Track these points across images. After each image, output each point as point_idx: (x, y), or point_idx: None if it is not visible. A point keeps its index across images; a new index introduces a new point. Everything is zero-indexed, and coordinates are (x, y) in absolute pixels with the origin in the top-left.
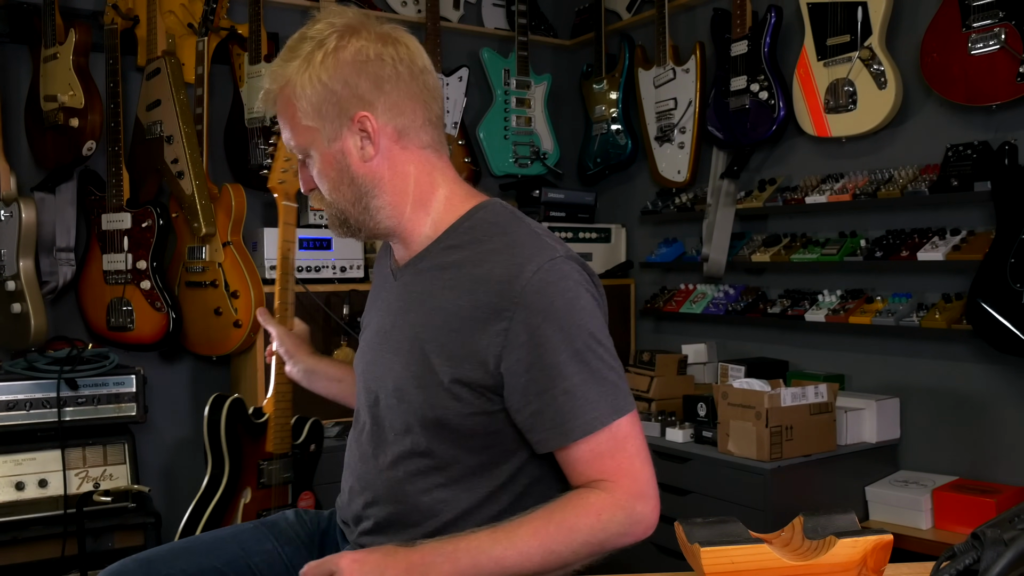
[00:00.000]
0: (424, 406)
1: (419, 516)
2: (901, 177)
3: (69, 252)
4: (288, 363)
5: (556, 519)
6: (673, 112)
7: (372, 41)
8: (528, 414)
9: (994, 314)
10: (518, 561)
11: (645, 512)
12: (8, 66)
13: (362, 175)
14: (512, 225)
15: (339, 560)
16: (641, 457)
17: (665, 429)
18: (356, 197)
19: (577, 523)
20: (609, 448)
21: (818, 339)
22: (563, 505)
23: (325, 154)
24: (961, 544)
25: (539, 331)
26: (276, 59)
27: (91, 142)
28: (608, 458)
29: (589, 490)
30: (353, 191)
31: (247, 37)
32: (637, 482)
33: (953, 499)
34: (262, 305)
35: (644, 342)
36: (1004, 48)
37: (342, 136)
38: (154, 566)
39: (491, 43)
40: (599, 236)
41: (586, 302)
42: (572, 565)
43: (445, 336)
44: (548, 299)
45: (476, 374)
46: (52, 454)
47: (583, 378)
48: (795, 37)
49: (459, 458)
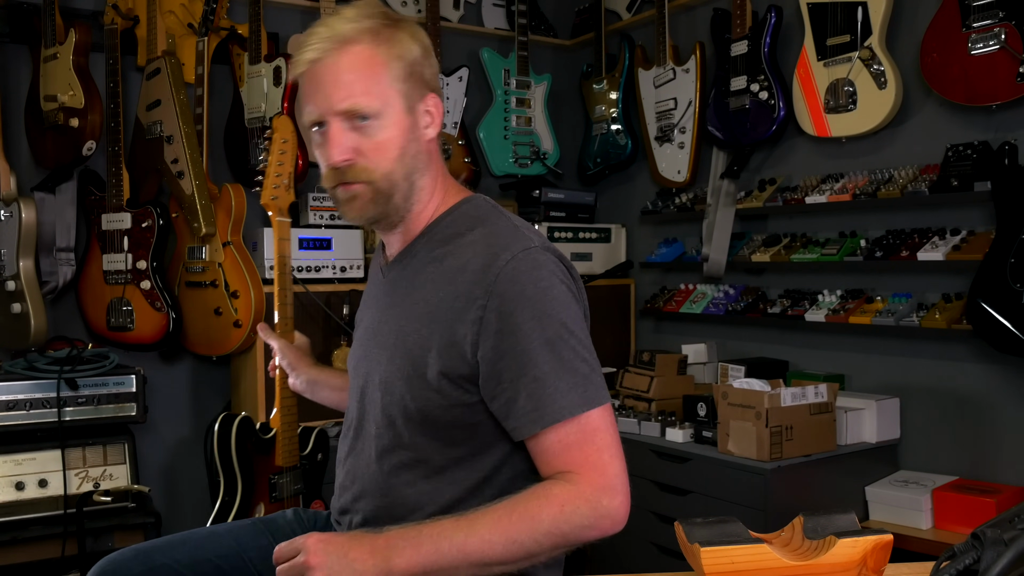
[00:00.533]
0: (407, 398)
1: (404, 510)
2: (901, 177)
3: (69, 252)
4: (291, 376)
5: (519, 509)
6: (673, 112)
7: (425, 37)
8: (502, 402)
9: (994, 314)
10: (479, 548)
11: (612, 506)
12: (8, 66)
13: (419, 152)
14: (492, 217)
15: (306, 539)
16: (611, 451)
17: (665, 429)
18: (410, 170)
19: (540, 513)
20: (577, 440)
21: (818, 339)
22: (527, 496)
23: (399, 121)
24: (961, 544)
25: (511, 318)
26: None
27: (91, 142)
28: (576, 450)
29: (554, 482)
30: (410, 164)
31: (247, 37)
32: (604, 475)
33: (953, 499)
34: (262, 305)
35: (644, 342)
36: (1004, 48)
37: (417, 109)
38: (150, 556)
39: (491, 43)
40: (599, 236)
41: (559, 292)
42: (537, 556)
43: (427, 328)
44: (520, 287)
45: (456, 364)
46: (52, 454)
47: (554, 367)
48: (795, 37)
49: (441, 450)
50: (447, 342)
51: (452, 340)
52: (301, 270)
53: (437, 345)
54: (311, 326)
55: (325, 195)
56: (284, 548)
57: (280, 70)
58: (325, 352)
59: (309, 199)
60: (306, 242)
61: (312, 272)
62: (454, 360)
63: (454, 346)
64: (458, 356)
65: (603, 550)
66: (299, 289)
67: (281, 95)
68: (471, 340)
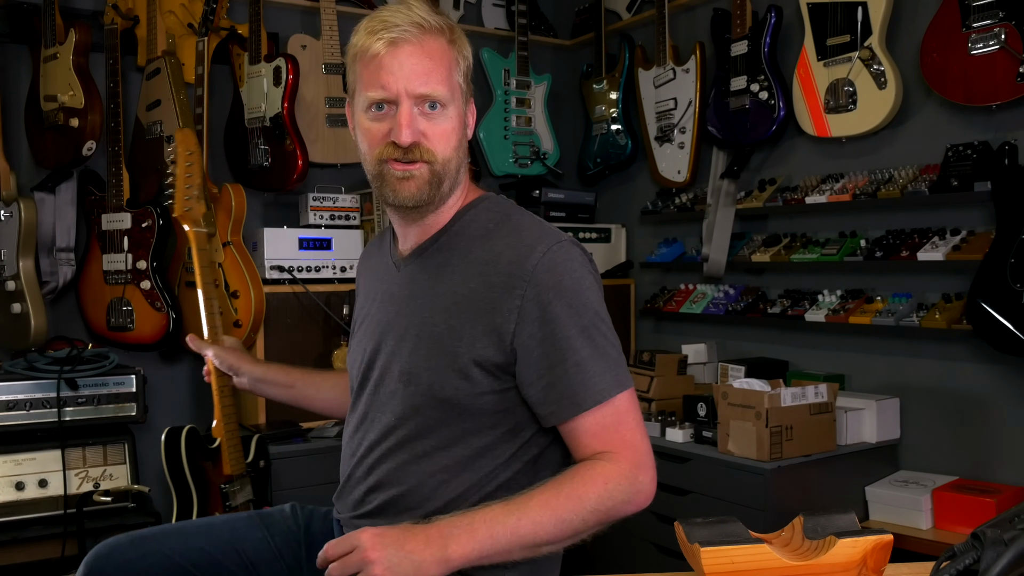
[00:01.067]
0: (434, 387)
1: (420, 498)
2: (901, 177)
3: (69, 252)
4: (235, 377)
5: (566, 490)
6: (673, 112)
7: None
8: (541, 387)
9: (994, 314)
10: (532, 530)
11: (646, 481)
12: (8, 66)
13: (464, 145)
14: (515, 213)
15: (360, 535)
16: (640, 430)
17: (665, 429)
18: (460, 163)
19: (586, 493)
20: (613, 421)
21: (818, 339)
22: (572, 476)
23: (459, 115)
24: (961, 544)
25: (550, 307)
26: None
27: (91, 142)
28: (612, 430)
29: (595, 461)
30: (461, 157)
31: (247, 37)
32: (638, 453)
33: (953, 499)
34: (262, 305)
35: (644, 342)
36: (1004, 48)
37: (469, 107)
38: (145, 543)
39: (491, 43)
40: (599, 236)
41: (590, 283)
42: (582, 533)
43: (456, 319)
44: (557, 278)
45: (490, 352)
46: (52, 454)
47: (590, 352)
48: (795, 37)
49: (466, 439)
50: (482, 331)
51: (488, 328)
52: (301, 270)
53: (470, 334)
54: (311, 326)
55: (325, 195)
56: (336, 545)
57: (280, 70)
58: (325, 352)
59: (309, 199)
60: (306, 242)
61: (312, 272)
62: (489, 349)
63: (489, 335)
64: (493, 344)
65: (603, 550)
66: (299, 289)
67: (281, 95)
68: (509, 329)
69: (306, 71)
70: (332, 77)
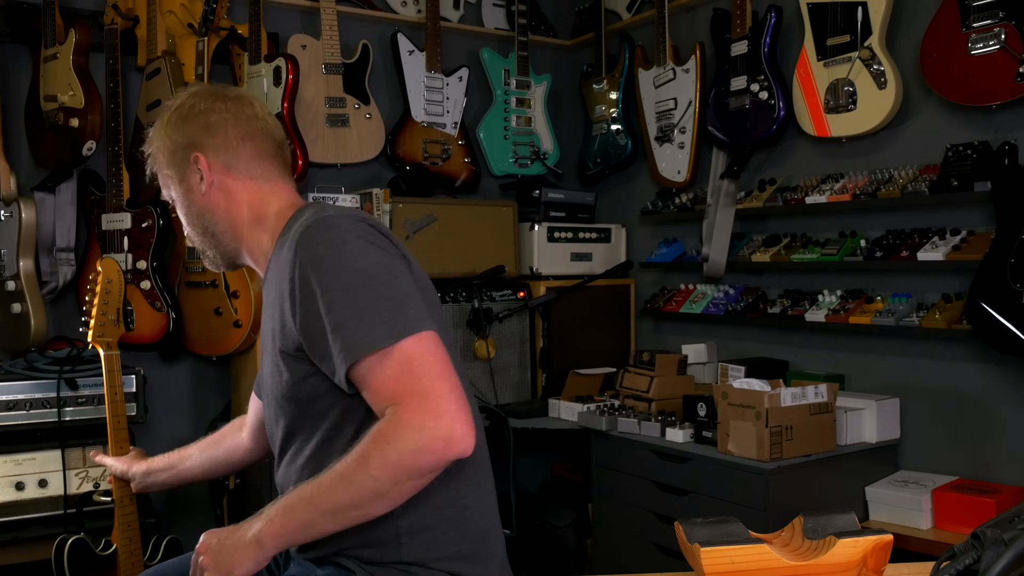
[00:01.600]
0: (275, 390)
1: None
2: (901, 177)
3: (69, 252)
4: (131, 483)
5: (354, 452)
6: (673, 112)
7: (203, 98)
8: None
9: (994, 314)
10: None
11: (440, 427)
12: (8, 66)
13: (202, 207)
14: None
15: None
16: (430, 376)
17: (665, 429)
18: (203, 228)
19: (367, 450)
20: (394, 372)
21: (818, 339)
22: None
23: (179, 195)
24: (961, 544)
25: (310, 281)
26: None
27: (91, 142)
28: (394, 382)
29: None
30: (201, 222)
31: (247, 37)
32: (424, 399)
33: (953, 499)
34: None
35: (644, 342)
36: (1004, 48)
37: (187, 177)
38: None
39: (491, 43)
40: (599, 236)
41: (354, 246)
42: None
43: (268, 323)
44: (311, 250)
45: (287, 342)
46: (52, 454)
47: (354, 311)
48: (795, 37)
49: (317, 427)
50: (279, 323)
51: (281, 320)
52: None
53: (273, 331)
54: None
55: (325, 195)
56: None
57: (280, 70)
58: None
59: (309, 199)
60: None
61: None
62: (285, 339)
63: (284, 326)
64: (285, 332)
65: (603, 550)
66: None
67: (281, 95)
68: (290, 314)
69: (306, 71)
70: (332, 77)
